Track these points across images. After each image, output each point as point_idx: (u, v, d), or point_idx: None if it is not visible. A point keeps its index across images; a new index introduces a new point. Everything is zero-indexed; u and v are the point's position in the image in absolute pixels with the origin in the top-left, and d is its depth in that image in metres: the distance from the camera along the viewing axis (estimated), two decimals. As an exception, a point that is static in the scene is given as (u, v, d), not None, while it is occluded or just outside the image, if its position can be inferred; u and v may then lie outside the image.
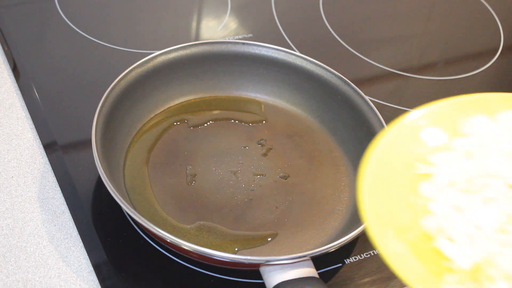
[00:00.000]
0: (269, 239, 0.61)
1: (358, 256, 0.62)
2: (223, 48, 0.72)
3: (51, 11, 0.84)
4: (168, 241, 0.54)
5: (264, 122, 0.72)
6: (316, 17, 0.92)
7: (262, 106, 0.73)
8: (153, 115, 0.70)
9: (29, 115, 0.70)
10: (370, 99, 0.68)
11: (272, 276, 0.53)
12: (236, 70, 0.73)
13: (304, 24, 0.92)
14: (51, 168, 0.65)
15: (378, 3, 0.99)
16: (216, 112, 0.72)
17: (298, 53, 0.72)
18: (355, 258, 0.62)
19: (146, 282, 0.58)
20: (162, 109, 0.71)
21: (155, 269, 0.59)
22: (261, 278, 0.54)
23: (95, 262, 0.58)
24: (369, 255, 0.62)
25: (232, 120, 0.72)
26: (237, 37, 0.85)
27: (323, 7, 0.94)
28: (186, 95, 0.72)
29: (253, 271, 0.56)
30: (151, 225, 0.54)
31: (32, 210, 0.61)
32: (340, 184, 0.66)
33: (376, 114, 0.66)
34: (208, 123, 0.71)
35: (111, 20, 0.87)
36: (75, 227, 0.60)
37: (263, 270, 0.54)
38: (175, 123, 0.70)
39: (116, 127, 0.64)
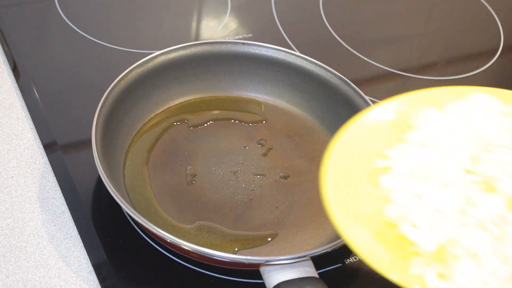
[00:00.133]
0: (269, 239, 0.61)
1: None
2: (223, 48, 0.72)
3: (51, 11, 0.84)
4: (168, 241, 0.54)
5: (264, 122, 0.72)
6: (316, 17, 0.92)
7: (262, 106, 0.73)
8: (153, 115, 0.70)
9: (29, 115, 0.70)
10: (370, 99, 0.68)
11: (272, 276, 0.53)
12: (236, 70, 0.73)
13: (304, 24, 0.92)
14: (51, 168, 0.65)
15: (378, 3, 0.99)
16: (216, 112, 0.72)
17: (298, 53, 0.72)
18: (355, 258, 0.62)
19: (146, 282, 0.58)
20: (162, 109, 0.71)
21: (155, 269, 0.59)
22: (261, 278, 0.54)
23: (95, 262, 0.58)
24: (369, 255, 0.62)
25: (232, 120, 0.72)
26: (237, 37, 0.85)
27: (323, 7, 0.94)
28: (186, 95, 0.72)
29: (253, 271, 0.56)
30: (151, 225, 0.53)
31: (32, 210, 0.61)
32: (340, 184, 0.66)
33: (376, 114, 0.66)
34: (208, 123, 0.71)
35: (111, 20, 0.87)
36: (75, 227, 0.60)
37: (263, 270, 0.54)
38: (175, 123, 0.70)
39: (116, 127, 0.64)
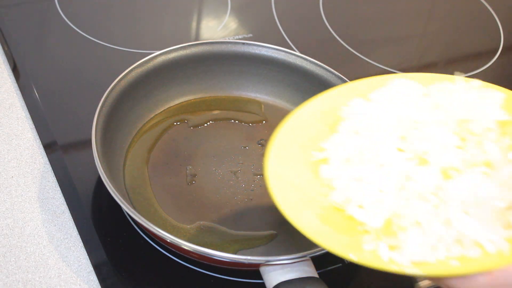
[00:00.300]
0: (269, 239, 0.61)
1: (358, 256, 0.62)
2: (223, 48, 0.72)
3: (51, 11, 0.84)
4: (168, 241, 0.54)
5: (264, 122, 0.72)
6: (316, 17, 0.92)
7: (262, 106, 0.73)
8: (153, 115, 0.70)
9: (29, 115, 0.70)
10: (370, 99, 0.68)
11: (272, 276, 0.53)
12: (236, 70, 0.73)
13: (304, 24, 0.92)
14: (51, 168, 0.65)
15: (378, 3, 0.99)
16: (216, 112, 0.72)
17: (298, 53, 0.72)
18: (355, 258, 0.61)
19: (146, 282, 0.58)
20: (162, 109, 0.71)
21: (155, 269, 0.59)
22: (261, 278, 0.54)
23: (95, 262, 0.58)
24: (369, 255, 0.62)
25: (232, 120, 0.72)
26: (237, 37, 0.85)
27: (323, 7, 0.94)
28: (186, 95, 0.72)
29: (253, 271, 0.56)
30: (151, 225, 0.53)
31: (32, 210, 0.61)
32: (340, 184, 0.66)
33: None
34: (208, 123, 0.71)
35: (111, 20, 0.87)
36: (75, 227, 0.60)
37: (263, 270, 0.54)
38: (175, 123, 0.70)
39: (116, 127, 0.64)
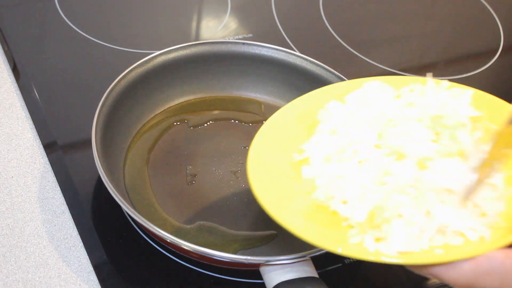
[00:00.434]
0: (269, 239, 0.61)
1: (358, 256, 0.62)
2: (223, 48, 0.72)
3: (51, 11, 0.84)
4: (168, 241, 0.54)
5: (264, 122, 0.71)
6: (316, 17, 0.92)
7: (262, 106, 0.73)
8: (153, 115, 0.70)
9: (29, 115, 0.70)
10: (370, 99, 0.68)
11: (272, 276, 0.53)
12: (236, 70, 0.73)
13: (304, 24, 0.92)
14: (51, 168, 0.65)
15: (378, 3, 0.99)
16: (216, 112, 0.72)
17: (298, 53, 0.72)
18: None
19: (146, 282, 0.58)
20: (162, 109, 0.71)
21: (155, 269, 0.59)
22: (261, 278, 0.54)
23: (95, 262, 0.58)
24: (369, 255, 0.62)
25: (232, 120, 0.71)
26: (237, 37, 0.85)
27: (323, 7, 0.94)
28: (186, 95, 0.72)
29: (253, 271, 0.56)
30: (151, 225, 0.53)
31: (32, 210, 0.61)
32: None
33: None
34: (208, 123, 0.71)
35: (111, 20, 0.87)
36: (75, 227, 0.60)
37: (263, 270, 0.54)
38: (175, 123, 0.70)
39: (116, 127, 0.64)
